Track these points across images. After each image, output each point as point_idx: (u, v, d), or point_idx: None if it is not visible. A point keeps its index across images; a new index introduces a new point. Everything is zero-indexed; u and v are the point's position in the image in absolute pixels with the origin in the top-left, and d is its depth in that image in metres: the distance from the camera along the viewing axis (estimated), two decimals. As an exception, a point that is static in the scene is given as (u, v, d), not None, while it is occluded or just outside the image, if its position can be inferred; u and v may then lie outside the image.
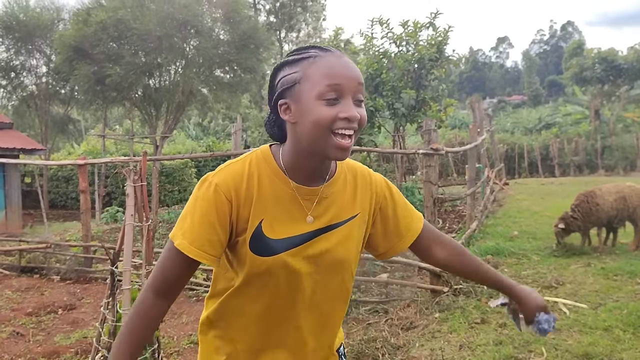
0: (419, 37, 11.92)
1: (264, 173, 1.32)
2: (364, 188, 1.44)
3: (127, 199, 3.54)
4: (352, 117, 1.22)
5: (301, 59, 1.27)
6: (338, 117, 1.21)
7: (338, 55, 1.27)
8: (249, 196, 1.29)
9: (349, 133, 1.23)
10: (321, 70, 1.23)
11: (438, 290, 5.28)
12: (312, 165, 1.32)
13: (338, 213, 1.36)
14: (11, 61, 16.43)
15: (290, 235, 1.30)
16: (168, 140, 21.52)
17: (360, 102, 1.26)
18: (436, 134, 5.90)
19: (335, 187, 1.38)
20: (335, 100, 1.22)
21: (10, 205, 12.86)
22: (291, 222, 1.31)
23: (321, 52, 1.27)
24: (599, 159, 24.36)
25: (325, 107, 1.21)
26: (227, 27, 14.82)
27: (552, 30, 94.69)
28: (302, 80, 1.24)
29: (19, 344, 4.64)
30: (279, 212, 1.30)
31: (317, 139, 1.23)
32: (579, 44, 36.93)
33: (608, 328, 4.26)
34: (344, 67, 1.24)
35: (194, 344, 4.57)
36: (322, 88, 1.21)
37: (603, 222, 7.07)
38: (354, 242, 1.41)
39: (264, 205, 1.30)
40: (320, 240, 1.33)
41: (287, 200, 1.31)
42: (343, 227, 1.37)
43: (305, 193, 1.33)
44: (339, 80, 1.22)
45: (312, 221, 1.32)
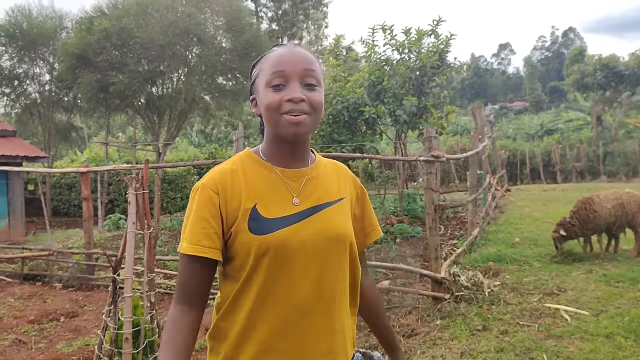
0: (421, 44, 11.97)
1: (247, 165, 1.40)
2: (345, 179, 1.51)
3: (129, 206, 3.56)
4: (295, 98, 1.30)
5: (261, 58, 1.41)
6: (283, 99, 1.31)
7: (289, 46, 1.39)
8: (237, 186, 1.35)
9: (296, 114, 1.31)
10: (269, 61, 1.36)
11: (439, 297, 5.28)
12: (286, 149, 1.39)
13: (327, 193, 1.42)
14: (14, 69, 16.53)
15: (285, 214, 1.34)
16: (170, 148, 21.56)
17: (311, 85, 1.34)
18: (437, 141, 5.91)
19: (319, 170, 1.45)
20: (283, 86, 1.32)
21: (13, 212, 12.90)
22: (284, 202, 1.36)
23: (276, 48, 1.40)
24: (600, 165, 24.33)
25: (272, 93, 1.32)
26: (230, 35, 14.90)
27: (553, 36, 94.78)
28: (259, 74, 1.39)
29: (22, 352, 4.65)
30: (271, 194, 1.36)
31: (272, 123, 1.34)
32: (580, 50, 36.98)
33: (610, 335, 4.25)
34: (289, 55, 1.35)
35: (195, 352, 4.58)
36: (269, 76, 1.33)
37: (602, 229, 7.07)
38: (349, 220, 1.45)
39: (255, 191, 1.36)
40: (316, 218, 1.36)
41: (275, 184, 1.38)
42: (335, 206, 1.42)
43: (290, 175, 1.40)
44: (283, 66, 1.32)
45: (298, 203, 1.37)
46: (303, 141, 1.39)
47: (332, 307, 1.38)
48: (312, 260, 1.35)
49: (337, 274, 1.39)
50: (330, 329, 1.39)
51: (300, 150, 1.41)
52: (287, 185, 1.38)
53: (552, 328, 4.52)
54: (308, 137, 1.40)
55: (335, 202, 1.42)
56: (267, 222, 1.32)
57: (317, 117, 1.35)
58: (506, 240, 8.42)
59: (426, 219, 5.65)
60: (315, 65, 1.36)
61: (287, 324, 1.34)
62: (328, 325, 1.38)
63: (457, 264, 6.62)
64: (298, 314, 1.34)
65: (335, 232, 1.37)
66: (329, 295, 1.37)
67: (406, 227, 10.10)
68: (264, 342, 1.34)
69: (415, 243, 9.06)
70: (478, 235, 8.62)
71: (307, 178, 1.40)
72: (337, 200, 1.43)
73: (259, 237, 1.31)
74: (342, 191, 1.46)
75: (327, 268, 1.37)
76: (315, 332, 1.36)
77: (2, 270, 7.91)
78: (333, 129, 12.27)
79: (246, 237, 1.31)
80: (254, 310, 1.34)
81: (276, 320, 1.34)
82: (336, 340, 1.40)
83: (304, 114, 1.31)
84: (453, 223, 11.13)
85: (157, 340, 3.68)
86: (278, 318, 1.34)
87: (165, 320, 1.36)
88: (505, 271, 6.61)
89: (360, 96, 11.92)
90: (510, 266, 6.88)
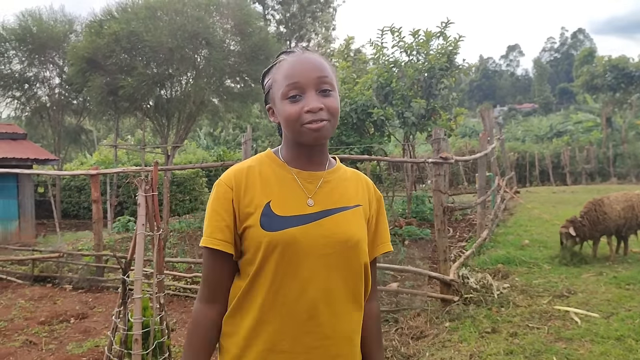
0: (429, 46, 11.96)
1: (265, 165, 1.44)
2: (363, 187, 1.52)
3: (139, 208, 3.58)
4: (314, 109, 1.32)
5: (272, 67, 1.44)
6: (303, 111, 1.32)
7: (298, 54, 1.40)
8: (251, 183, 1.39)
9: (316, 124, 1.33)
10: (282, 72, 1.37)
11: (448, 299, 5.27)
12: (305, 153, 1.42)
13: (343, 198, 1.43)
14: (25, 73, 16.63)
15: (298, 213, 1.36)
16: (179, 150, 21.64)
17: (326, 91, 1.35)
18: (445, 142, 5.90)
19: (336, 175, 1.47)
20: (299, 96, 1.34)
21: (24, 215, 12.98)
22: (298, 202, 1.38)
23: (286, 56, 1.41)
24: (611, 167, 24.16)
25: (290, 105, 1.34)
26: (238, 38, 14.93)
27: (562, 37, 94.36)
28: (273, 85, 1.41)
29: (32, 353, 4.68)
30: (285, 193, 1.39)
31: (293, 132, 1.36)
32: (589, 51, 36.79)
33: (620, 337, 4.22)
34: (300, 65, 1.36)
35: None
36: (284, 89, 1.35)
37: (611, 231, 7.03)
38: (365, 228, 1.46)
39: (270, 188, 1.39)
40: (329, 221, 1.38)
41: (290, 184, 1.40)
42: (350, 211, 1.43)
43: (306, 176, 1.42)
44: (297, 78, 1.34)
45: (313, 204, 1.38)
46: (320, 145, 1.42)
47: (341, 312, 1.38)
48: (322, 263, 1.35)
49: (347, 279, 1.39)
50: (339, 333, 1.38)
51: (317, 153, 1.43)
52: (302, 186, 1.40)
53: (562, 330, 4.49)
54: (325, 141, 1.42)
55: (351, 208, 1.43)
56: (279, 220, 1.35)
57: (335, 121, 1.38)
58: (515, 243, 8.39)
59: (435, 221, 5.64)
60: (327, 69, 1.38)
61: (294, 325, 1.35)
62: (337, 329, 1.38)
63: (466, 266, 6.60)
64: (306, 315, 1.35)
65: (347, 237, 1.37)
66: (338, 299, 1.37)
67: (415, 230, 10.08)
68: (271, 341, 1.35)
69: (424, 245, 9.04)
70: (487, 238, 8.59)
71: (323, 181, 1.42)
72: (353, 207, 1.44)
73: (269, 233, 1.33)
74: (360, 199, 1.47)
75: (337, 272, 1.37)
76: (323, 335, 1.36)
77: (12, 272, 7.97)
78: (341, 131, 12.27)
79: (257, 233, 1.34)
80: (262, 308, 1.35)
81: (283, 320, 1.35)
82: (344, 344, 1.40)
83: (324, 121, 1.34)
84: (462, 225, 11.09)
85: (167, 342, 3.70)
86: (285, 318, 1.35)
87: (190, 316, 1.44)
88: (515, 273, 6.58)
89: (369, 98, 11.92)
90: (519, 268, 6.85)
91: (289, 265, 1.34)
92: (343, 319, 1.39)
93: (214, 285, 1.40)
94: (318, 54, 1.43)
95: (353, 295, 1.41)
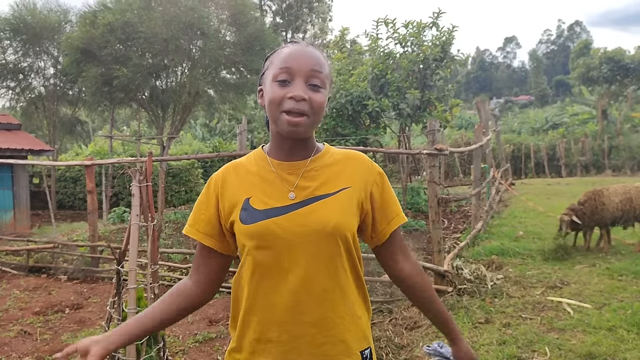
0: (422, 37, 11.93)
1: (252, 161, 1.48)
2: (355, 167, 1.47)
3: (133, 198, 3.58)
4: (297, 96, 1.32)
5: (274, 52, 1.44)
6: (286, 96, 1.33)
7: (301, 45, 1.41)
8: (237, 180, 1.45)
9: (295, 114, 1.33)
10: (280, 56, 1.38)
11: (442, 290, 5.30)
12: (287, 145, 1.42)
13: (324, 185, 1.41)
14: (19, 63, 16.52)
15: (276, 205, 1.38)
16: (175, 141, 21.59)
17: (315, 86, 1.36)
18: (440, 134, 5.91)
19: (320, 162, 1.45)
20: (288, 82, 1.34)
21: (19, 205, 12.97)
22: (279, 195, 1.39)
23: (289, 44, 1.43)
24: (606, 159, 24.25)
25: (277, 88, 1.35)
26: (233, 28, 14.87)
27: (559, 30, 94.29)
28: (269, 67, 1.41)
29: (27, 343, 4.69)
30: (265, 188, 1.41)
31: (273, 118, 1.37)
32: (586, 43, 36.78)
33: (612, 328, 4.26)
34: (299, 53, 1.37)
35: (199, 343, 4.61)
36: (276, 70, 1.36)
37: (606, 222, 7.05)
38: (349, 212, 1.41)
39: (251, 184, 1.42)
40: (306, 211, 1.37)
41: (271, 179, 1.42)
42: (332, 198, 1.40)
43: (287, 167, 1.42)
44: (291, 63, 1.35)
45: (294, 197, 1.39)
46: (303, 139, 1.42)
47: (325, 299, 1.38)
48: (300, 252, 1.35)
49: (329, 267, 1.38)
50: (325, 320, 1.38)
51: (300, 146, 1.43)
52: (283, 179, 1.40)
53: (555, 321, 4.53)
54: (303, 137, 1.40)
55: (333, 194, 1.40)
56: (257, 213, 1.37)
57: (316, 118, 1.37)
58: (510, 234, 8.43)
59: (429, 212, 5.67)
60: (324, 67, 1.38)
61: (278, 315, 1.37)
62: (322, 316, 1.38)
63: (460, 257, 6.63)
64: (288, 304, 1.36)
65: (323, 225, 1.35)
66: (320, 287, 1.37)
67: (410, 221, 10.11)
68: (259, 331, 1.39)
69: (419, 237, 9.07)
70: (482, 229, 8.62)
71: (305, 170, 1.41)
72: (337, 192, 1.40)
73: (247, 226, 1.37)
74: (347, 181, 1.43)
75: (317, 261, 1.36)
76: (309, 323, 1.37)
77: (7, 263, 7.96)
78: (337, 123, 12.26)
79: (238, 227, 1.40)
80: (248, 299, 1.40)
81: (267, 311, 1.38)
82: (332, 331, 1.39)
83: (303, 115, 1.33)
84: (457, 217, 11.13)
85: (161, 332, 3.71)
86: (268, 308, 1.38)
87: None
88: (509, 264, 6.62)
89: (364, 89, 11.90)
90: (513, 260, 6.88)
91: (267, 257, 1.36)
92: (327, 306, 1.38)
93: (196, 265, 1.50)
94: (321, 51, 1.43)
95: (337, 282, 1.39)
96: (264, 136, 23.61)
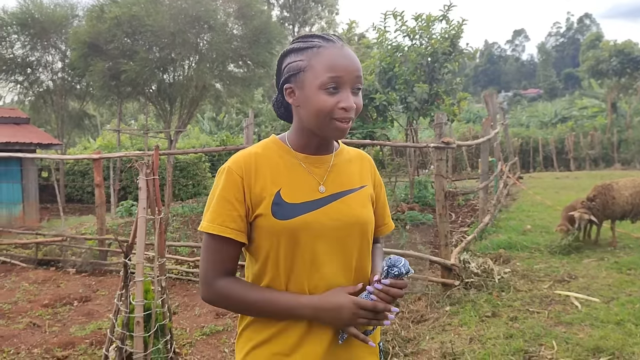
0: (432, 30, 11.85)
1: (272, 151, 1.43)
2: (367, 168, 1.55)
3: (140, 192, 3.59)
4: (349, 108, 1.33)
5: (306, 48, 1.37)
6: (337, 106, 1.32)
7: (339, 46, 1.36)
8: (261, 171, 1.39)
9: (345, 124, 1.35)
10: (324, 61, 1.33)
11: (449, 283, 5.29)
12: (316, 141, 1.43)
13: (349, 180, 1.46)
14: (27, 57, 16.57)
15: (308, 199, 1.38)
16: (182, 135, 21.62)
17: (358, 90, 1.37)
18: (448, 127, 5.88)
19: (342, 157, 1.49)
20: (335, 90, 1.33)
21: (28, 199, 13.04)
22: (309, 189, 1.39)
23: (324, 43, 1.36)
24: (615, 153, 24.06)
25: (326, 97, 1.32)
26: (240, 21, 14.83)
27: (569, 22, 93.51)
28: (307, 69, 1.35)
29: (36, 335, 4.73)
30: (294, 180, 1.39)
31: (318, 123, 1.35)
32: (596, 36, 36.48)
33: (620, 322, 4.24)
34: (344, 60, 1.34)
35: (206, 336, 4.63)
36: (325, 79, 1.32)
37: (617, 216, 7.00)
38: (370, 207, 1.48)
39: (279, 176, 1.39)
40: (338, 204, 1.40)
41: (299, 171, 1.41)
42: (358, 193, 1.45)
43: (314, 161, 1.43)
44: (340, 72, 1.32)
45: (324, 190, 1.40)
46: None
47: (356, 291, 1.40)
48: (334, 246, 1.38)
49: (359, 259, 1.43)
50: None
51: (328, 142, 1.46)
52: (311, 172, 1.41)
53: (562, 315, 4.51)
54: None
55: (357, 189, 1.46)
56: (290, 207, 1.36)
57: (355, 118, 1.39)
58: (517, 228, 8.39)
59: (436, 206, 5.65)
60: (361, 68, 1.39)
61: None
62: None
63: (467, 251, 6.62)
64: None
65: (356, 219, 1.41)
66: (348, 279, 1.40)
67: (417, 215, 10.09)
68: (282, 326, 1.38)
69: (426, 230, 9.05)
70: (489, 223, 8.59)
71: (331, 164, 1.44)
72: (359, 188, 1.47)
73: (281, 221, 1.34)
74: (364, 179, 1.50)
75: (348, 254, 1.40)
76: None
77: (16, 255, 8.03)
78: (344, 116, 12.20)
79: (269, 221, 1.35)
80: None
81: None
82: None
83: (351, 121, 1.36)
84: (464, 210, 11.10)
85: (168, 324, 3.73)
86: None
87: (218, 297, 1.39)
88: (516, 258, 6.60)
89: (371, 83, 11.85)
90: (521, 253, 6.86)
91: (301, 251, 1.36)
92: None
93: (223, 266, 1.38)
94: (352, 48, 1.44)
95: (363, 274, 1.45)
96: (271, 130, 23.58)
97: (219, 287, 1.37)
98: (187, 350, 4.28)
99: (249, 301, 1.35)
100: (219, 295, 1.37)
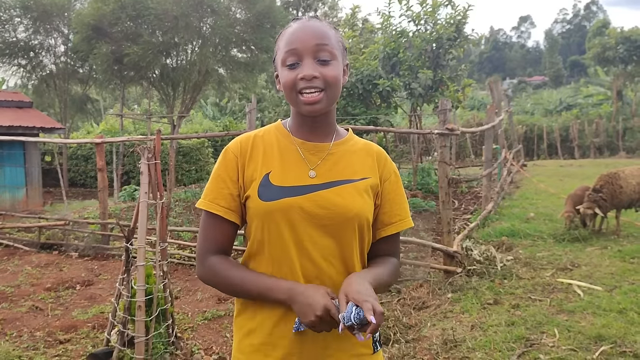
0: (437, 15, 11.75)
1: (271, 135, 1.45)
2: (374, 160, 1.47)
3: (142, 176, 3.58)
4: (307, 76, 1.31)
5: (280, 35, 1.42)
6: (297, 78, 1.32)
7: (302, 21, 1.38)
8: (256, 153, 1.41)
9: (310, 91, 1.32)
10: (284, 39, 1.37)
11: (451, 271, 5.28)
12: (308, 123, 1.41)
13: (348, 170, 1.41)
14: (30, 41, 16.52)
15: (297, 184, 1.36)
16: (185, 120, 21.58)
17: (325, 61, 1.33)
18: (452, 114, 5.83)
19: (344, 147, 1.45)
20: (297, 64, 1.33)
21: (31, 183, 13.06)
22: (299, 173, 1.38)
23: (292, 23, 1.40)
24: (620, 141, 23.92)
25: (288, 72, 1.34)
26: (243, 5, 14.73)
27: (575, 9, 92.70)
28: (277, 52, 1.40)
29: (38, 318, 4.75)
30: (285, 164, 1.39)
31: (290, 100, 1.37)
32: (603, 23, 36.09)
33: (622, 310, 4.22)
34: (301, 32, 1.35)
35: (207, 320, 4.64)
36: (283, 55, 1.35)
37: (624, 205, 6.95)
38: (369, 201, 1.42)
39: (271, 158, 1.40)
40: (329, 193, 1.36)
41: (292, 155, 1.40)
42: (355, 184, 1.40)
43: (311, 148, 1.41)
44: (295, 44, 1.33)
45: (315, 175, 1.38)
46: (324, 116, 1.41)
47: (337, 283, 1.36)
48: (323, 235, 1.35)
49: (343, 251, 1.38)
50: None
51: (322, 124, 1.42)
52: (304, 157, 1.39)
53: (565, 303, 4.50)
54: (330, 111, 1.41)
55: (356, 181, 1.41)
56: (276, 190, 1.35)
57: (333, 91, 1.35)
58: (520, 216, 8.37)
59: (439, 193, 5.62)
60: (329, 38, 1.35)
61: None
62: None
63: (470, 238, 6.60)
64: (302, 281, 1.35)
65: (347, 210, 1.36)
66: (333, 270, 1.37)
67: (420, 201, 10.07)
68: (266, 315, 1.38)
69: (429, 217, 9.04)
70: (492, 210, 8.57)
71: (327, 153, 1.41)
72: (360, 179, 1.41)
73: (264, 203, 1.35)
74: (367, 171, 1.44)
75: (339, 244, 1.37)
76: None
77: (19, 239, 8.05)
78: (347, 102, 12.16)
79: (254, 202, 1.36)
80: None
81: None
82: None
83: (318, 91, 1.32)
84: (467, 198, 11.07)
85: (170, 309, 3.73)
86: None
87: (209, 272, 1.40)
88: (519, 246, 6.58)
89: (375, 68, 11.77)
90: (523, 241, 6.84)
91: (286, 235, 1.34)
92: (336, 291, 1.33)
93: (217, 242, 1.40)
94: (325, 22, 1.40)
95: (346, 267, 1.39)
96: (274, 116, 23.52)
97: (209, 264, 1.39)
98: (188, 335, 4.29)
99: (232, 279, 1.36)
100: (208, 272, 1.39)
